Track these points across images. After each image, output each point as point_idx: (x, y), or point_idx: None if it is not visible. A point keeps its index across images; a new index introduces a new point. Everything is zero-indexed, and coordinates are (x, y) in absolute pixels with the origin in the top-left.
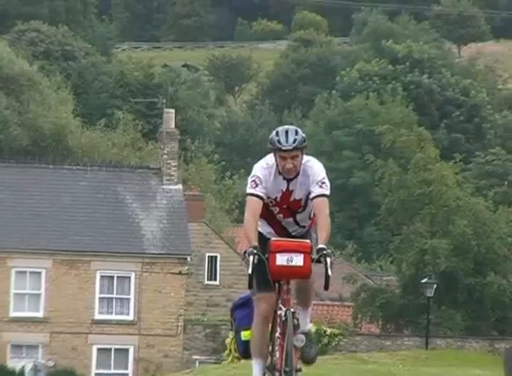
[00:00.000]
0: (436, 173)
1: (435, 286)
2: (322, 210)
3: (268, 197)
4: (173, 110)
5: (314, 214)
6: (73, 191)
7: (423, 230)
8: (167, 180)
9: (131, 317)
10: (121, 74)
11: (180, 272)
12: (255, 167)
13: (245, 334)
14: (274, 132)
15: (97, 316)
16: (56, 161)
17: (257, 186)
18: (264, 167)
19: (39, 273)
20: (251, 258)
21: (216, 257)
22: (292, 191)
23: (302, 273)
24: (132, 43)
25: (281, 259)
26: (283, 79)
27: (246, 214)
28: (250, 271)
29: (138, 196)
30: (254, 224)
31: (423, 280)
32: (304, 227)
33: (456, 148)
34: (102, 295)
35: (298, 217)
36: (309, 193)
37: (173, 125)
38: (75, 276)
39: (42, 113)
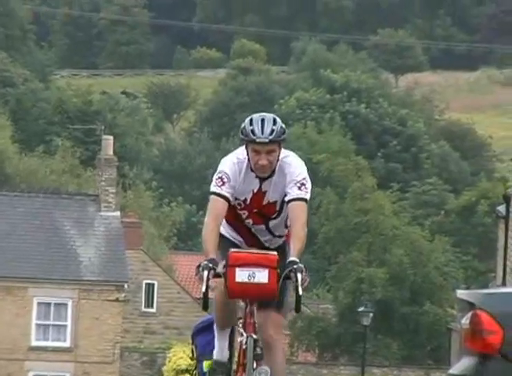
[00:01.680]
0: (373, 202)
1: (372, 315)
2: (297, 216)
3: (236, 199)
4: (111, 137)
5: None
6: (10, 217)
7: (359, 259)
8: (105, 207)
9: (67, 344)
10: (60, 100)
11: (117, 299)
12: (223, 161)
13: (207, 365)
14: (247, 120)
15: (33, 343)
16: None
17: (223, 184)
18: (233, 162)
19: None
20: (205, 273)
21: (153, 284)
22: (265, 192)
23: (267, 292)
24: (71, 70)
25: (241, 275)
26: (222, 107)
27: (206, 218)
28: (203, 288)
29: (75, 222)
30: (214, 231)
31: (360, 309)
32: (279, 237)
33: (393, 177)
34: (38, 322)
35: (271, 224)
36: (285, 196)
37: (111, 152)
38: (11, 302)
39: None
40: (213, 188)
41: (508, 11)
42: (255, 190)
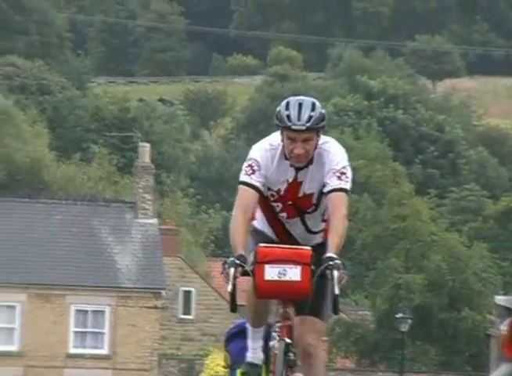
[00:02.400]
0: (411, 208)
1: (410, 321)
2: (336, 208)
3: (269, 189)
4: (148, 144)
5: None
6: (47, 225)
7: (397, 265)
8: (142, 214)
9: (105, 351)
10: (97, 108)
11: (155, 306)
12: (254, 148)
13: (240, 372)
14: (283, 103)
15: (71, 350)
16: (31, 195)
17: (253, 172)
18: (265, 148)
19: (13, 307)
20: (232, 270)
21: (191, 291)
22: (301, 183)
23: (299, 291)
24: (108, 77)
25: (270, 272)
26: (258, 114)
27: (234, 210)
28: (230, 288)
29: (113, 229)
30: (242, 225)
31: (398, 315)
32: (316, 233)
33: (430, 183)
34: (76, 329)
35: (308, 218)
36: (323, 187)
37: (148, 159)
38: (50, 309)
39: (18, 146)
40: (242, 177)
41: None
42: (290, 180)
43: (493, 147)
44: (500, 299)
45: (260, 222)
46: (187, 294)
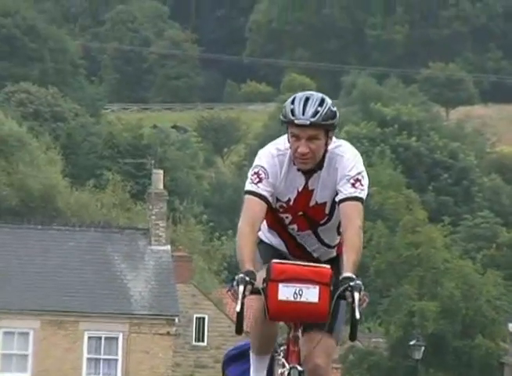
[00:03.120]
0: (424, 235)
1: (423, 348)
2: (351, 219)
3: (278, 200)
4: (161, 171)
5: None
6: (61, 252)
7: (411, 292)
8: (156, 241)
9: None
10: (110, 134)
11: (168, 333)
12: (260, 153)
13: None
14: (290, 99)
15: None
16: (45, 222)
17: (260, 181)
18: (273, 154)
19: (27, 334)
20: (241, 288)
21: (204, 318)
22: (312, 191)
23: (316, 314)
24: (122, 104)
25: (285, 292)
26: (272, 141)
27: (240, 222)
28: (238, 307)
29: (126, 256)
30: (250, 238)
31: (412, 342)
32: (330, 247)
33: (444, 211)
34: (89, 356)
35: (321, 231)
36: (336, 195)
37: (161, 186)
38: (63, 336)
39: (31, 173)
40: (248, 186)
41: None
42: (300, 189)
43: (507, 175)
44: None
45: (266, 234)
46: (200, 320)
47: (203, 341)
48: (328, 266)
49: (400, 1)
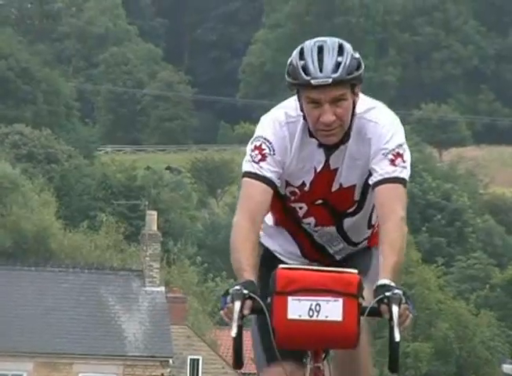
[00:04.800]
0: (418, 276)
1: None
2: (390, 208)
3: (288, 184)
4: (155, 212)
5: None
6: (55, 293)
7: (404, 333)
8: (150, 282)
9: None
10: (104, 176)
11: (162, 375)
12: (263, 121)
13: None
14: (296, 51)
15: None
16: (38, 263)
17: (263, 158)
18: (280, 122)
19: None
20: (237, 305)
21: (198, 359)
22: (335, 171)
23: (341, 337)
24: (115, 146)
25: (297, 308)
26: None
27: (236, 216)
28: (233, 332)
29: (120, 298)
30: (250, 236)
31: None
32: (357, 245)
33: (437, 252)
34: None
35: (347, 225)
36: (370, 175)
37: (155, 227)
38: None
39: (25, 215)
40: (246, 166)
41: None
42: (319, 168)
43: (499, 216)
44: (508, 368)
45: (269, 235)
46: (194, 362)
47: None
48: (355, 271)
49: (392, 43)
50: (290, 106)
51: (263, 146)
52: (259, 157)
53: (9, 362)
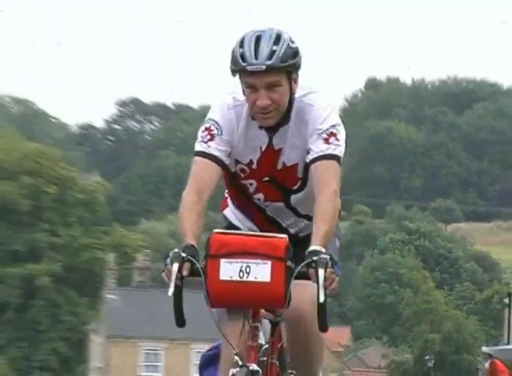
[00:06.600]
0: (433, 297)
1: (433, 361)
2: (324, 182)
3: (237, 162)
4: None
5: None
6: None
7: (426, 329)
8: None
9: None
10: None
11: None
12: (213, 105)
13: None
14: (238, 41)
15: None
16: None
17: (212, 138)
18: (228, 105)
19: None
20: (175, 266)
21: None
22: (279, 151)
23: (269, 297)
24: None
25: (228, 270)
26: None
27: (185, 190)
28: (170, 291)
29: None
30: (195, 206)
31: (426, 357)
32: (309, 218)
33: (444, 282)
34: None
35: (295, 200)
36: (308, 153)
37: None
38: None
39: None
40: (197, 146)
41: None
42: (263, 148)
43: (480, 262)
44: (486, 349)
45: (233, 211)
46: None
47: None
48: (285, 236)
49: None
50: (239, 91)
51: (212, 128)
52: (208, 137)
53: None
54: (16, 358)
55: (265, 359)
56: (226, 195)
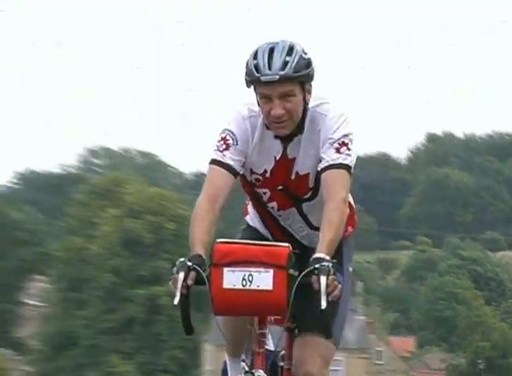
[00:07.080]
0: (483, 311)
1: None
2: (333, 190)
3: (252, 172)
4: None
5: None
6: None
7: (478, 338)
8: None
9: None
10: None
11: None
12: (229, 116)
13: None
14: (252, 53)
15: None
16: None
17: (227, 148)
18: (243, 116)
19: None
20: (181, 275)
21: None
22: (293, 160)
23: (271, 305)
24: None
25: (231, 278)
26: None
27: (199, 198)
28: (176, 300)
29: None
30: (206, 215)
31: (479, 361)
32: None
33: (492, 300)
34: None
35: (307, 209)
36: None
37: None
38: None
39: None
40: (212, 154)
41: None
42: (278, 157)
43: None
44: None
45: (253, 218)
46: None
47: None
48: (287, 244)
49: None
50: (254, 102)
51: (227, 138)
52: (224, 146)
53: None
54: (143, 363)
55: (282, 364)
56: (247, 201)
